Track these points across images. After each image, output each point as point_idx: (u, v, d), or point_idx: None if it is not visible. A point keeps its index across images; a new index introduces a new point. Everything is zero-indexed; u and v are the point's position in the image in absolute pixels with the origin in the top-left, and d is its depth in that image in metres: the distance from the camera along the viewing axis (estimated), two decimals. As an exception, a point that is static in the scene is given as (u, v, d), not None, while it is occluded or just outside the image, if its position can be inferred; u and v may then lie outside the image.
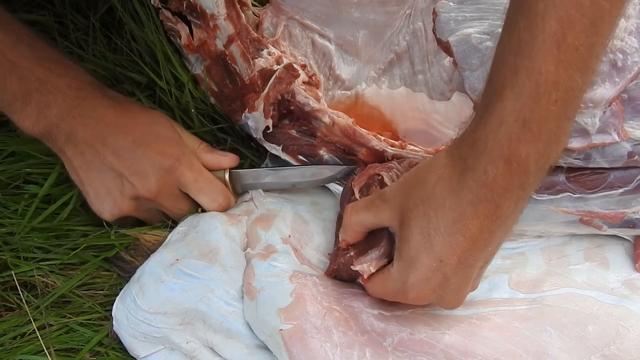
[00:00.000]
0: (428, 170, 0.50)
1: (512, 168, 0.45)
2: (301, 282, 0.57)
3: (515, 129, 0.44)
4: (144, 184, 0.62)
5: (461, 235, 0.48)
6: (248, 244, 0.63)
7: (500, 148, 0.45)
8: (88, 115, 0.62)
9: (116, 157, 0.62)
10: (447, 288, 0.51)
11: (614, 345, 0.54)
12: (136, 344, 0.59)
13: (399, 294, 0.53)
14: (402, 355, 0.54)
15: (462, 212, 0.47)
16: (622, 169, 0.58)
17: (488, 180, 0.46)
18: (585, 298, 0.58)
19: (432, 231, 0.49)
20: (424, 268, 0.50)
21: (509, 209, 0.47)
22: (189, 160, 0.64)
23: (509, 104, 0.44)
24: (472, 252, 0.49)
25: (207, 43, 0.68)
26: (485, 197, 0.46)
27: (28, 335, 0.62)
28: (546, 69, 0.43)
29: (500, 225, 0.48)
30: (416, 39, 0.72)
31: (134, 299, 0.58)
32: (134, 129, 0.63)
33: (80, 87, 0.62)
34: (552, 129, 0.44)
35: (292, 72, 0.65)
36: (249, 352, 0.57)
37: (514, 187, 0.46)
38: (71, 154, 0.62)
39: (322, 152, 0.66)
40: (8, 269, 0.65)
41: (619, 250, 0.61)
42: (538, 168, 0.45)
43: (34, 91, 0.60)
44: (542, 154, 0.45)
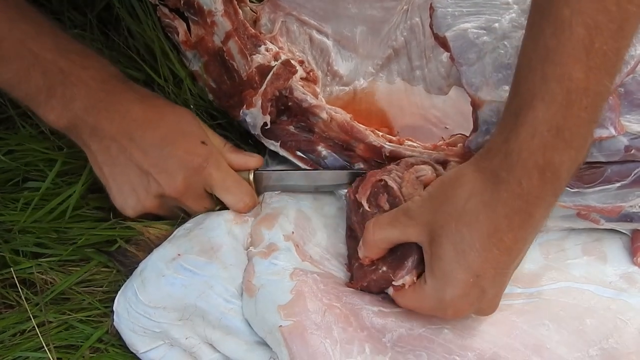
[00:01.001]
0: (456, 186, 0.50)
1: (545, 177, 0.45)
2: (301, 279, 0.57)
3: (549, 139, 0.44)
4: (171, 183, 0.62)
5: (497, 249, 0.48)
6: (251, 243, 0.63)
7: (534, 159, 0.45)
8: (114, 109, 0.61)
9: (143, 154, 0.61)
10: (485, 299, 0.51)
11: (612, 339, 0.55)
12: (136, 339, 0.59)
13: (436, 311, 0.53)
14: (402, 350, 0.54)
15: (497, 226, 0.47)
16: (619, 163, 0.58)
17: (523, 192, 0.46)
18: (583, 292, 0.58)
19: (467, 247, 0.49)
20: (461, 284, 0.50)
21: (542, 217, 0.47)
22: (217, 160, 0.64)
23: (541, 114, 0.44)
24: (507, 263, 0.49)
25: (205, 39, 0.68)
26: (519, 209, 0.46)
27: (27, 332, 0.62)
28: (576, 76, 0.43)
29: (532, 232, 0.48)
30: (414, 34, 0.73)
31: (135, 292, 0.59)
32: (161, 126, 0.62)
33: (105, 80, 0.61)
34: (582, 134, 0.45)
35: (290, 68, 0.65)
36: (248, 349, 0.57)
37: (547, 196, 0.46)
38: (96, 148, 0.62)
39: (320, 148, 0.66)
40: (7, 266, 0.65)
41: (617, 244, 0.61)
42: (569, 174, 0.46)
43: (58, 84, 0.59)
44: (574, 160, 0.45)
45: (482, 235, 0.48)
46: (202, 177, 0.63)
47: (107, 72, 0.62)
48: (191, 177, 0.62)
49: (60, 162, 0.67)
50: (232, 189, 0.64)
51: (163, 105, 0.65)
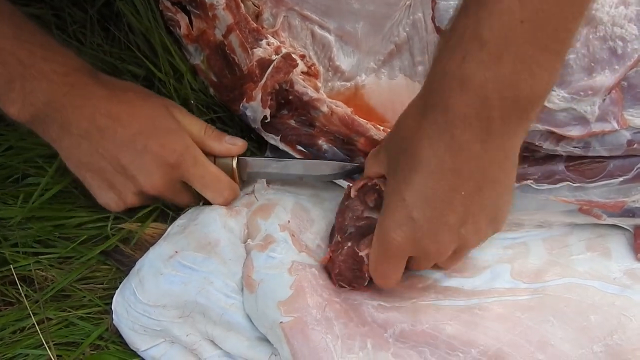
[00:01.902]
0: (405, 111, 0.49)
1: (466, 93, 0.41)
2: (300, 274, 0.57)
3: (471, 47, 0.40)
4: (148, 181, 0.61)
5: (419, 171, 0.46)
6: (248, 235, 0.63)
7: (454, 67, 0.41)
8: (80, 104, 0.59)
9: (117, 153, 0.60)
10: (419, 232, 0.48)
11: (616, 335, 0.54)
12: (136, 337, 0.59)
13: (381, 247, 0.51)
14: (404, 346, 0.54)
15: (420, 146, 0.45)
16: (621, 157, 0.58)
17: (442, 104, 0.43)
18: (587, 288, 0.57)
19: (399, 170, 0.48)
20: (393, 209, 0.49)
21: (471, 145, 0.43)
22: (193, 155, 0.62)
23: (470, 21, 0.41)
24: (436, 192, 0.46)
25: (207, 33, 0.68)
26: (439, 125, 0.43)
27: (27, 330, 0.62)
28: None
29: (465, 163, 0.44)
30: (416, 30, 0.72)
31: (134, 291, 0.58)
32: (133, 122, 0.60)
33: (68, 73, 0.59)
34: (517, 54, 0.40)
35: (290, 62, 0.65)
36: (250, 345, 0.57)
37: (470, 117, 0.42)
38: (67, 146, 0.60)
39: (321, 142, 0.66)
40: (7, 263, 0.64)
41: (620, 240, 0.61)
42: (502, 98, 0.41)
43: (17, 76, 0.56)
44: (507, 83, 0.40)
45: (408, 158, 0.46)
46: (179, 171, 0.62)
47: (70, 65, 0.59)
48: (168, 174, 0.61)
49: (59, 158, 0.67)
50: (211, 184, 0.63)
51: (133, 99, 0.62)
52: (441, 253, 0.51)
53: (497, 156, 0.45)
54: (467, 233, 0.49)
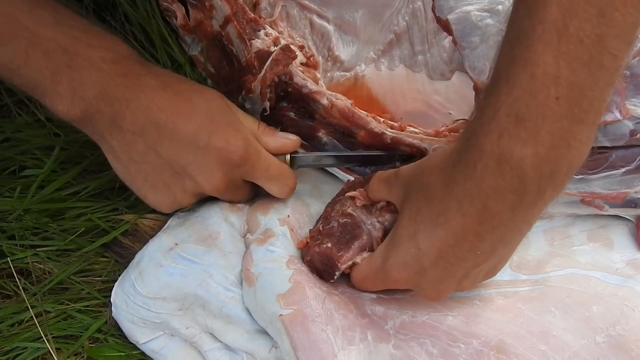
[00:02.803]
0: (435, 159, 0.49)
1: (503, 169, 0.41)
2: (298, 268, 0.56)
3: (507, 125, 0.40)
4: (211, 182, 0.57)
5: (443, 229, 0.46)
6: (248, 230, 0.62)
7: (490, 144, 0.41)
8: (135, 97, 0.53)
9: (177, 152, 0.55)
10: (424, 278, 0.49)
11: (618, 325, 0.54)
12: (135, 330, 0.59)
13: (380, 273, 0.52)
14: (405, 338, 0.54)
15: (447, 206, 0.45)
16: (623, 147, 0.57)
17: (476, 176, 0.43)
18: (589, 278, 0.57)
19: (419, 218, 0.48)
20: (404, 252, 0.49)
21: (502, 215, 0.43)
22: (256, 149, 0.58)
23: (503, 97, 0.41)
24: (454, 250, 0.46)
25: (204, 23, 0.67)
26: (471, 194, 0.44)
27: (26, 323, 0.61)
28: (544, 61, 0.39)
29: (490, 230, 0.45)
30: (416, 19, 0.72)
31: (133, 284, 0.58)
32: (192, 117, 0.55)
33: (117, 61, 0.53)
34: (554, 130, 0.40)
35: (289, 54, 0.64)
36: (250, 338, 0.57)
37: (506, 191, 0.42)
38: (117, 143, 0.55)
39: (321, 134, 0.65)
40: (4, 255, 0.64)
41: (623, 231, 0.61)
42: (540, 174, 0.41)
43: (63, 67, 0.51)
44: (544, 158, 0.40)
45: (433, 211, 0.46)
46: (243, 169, 0.58)
47: (118, 52, 0.54)
48: (231, 173, 0.57)
49: (58, 149, 0.66)
50: (277, 176, 0.60)
51: (189, 90, 0.57)
52: (438, 298, 0.52)
53: (523, 224, 0.46)
54: (467, 283, 0.51)
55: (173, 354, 0.58)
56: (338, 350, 0.52)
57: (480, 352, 0.53)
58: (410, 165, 0.53)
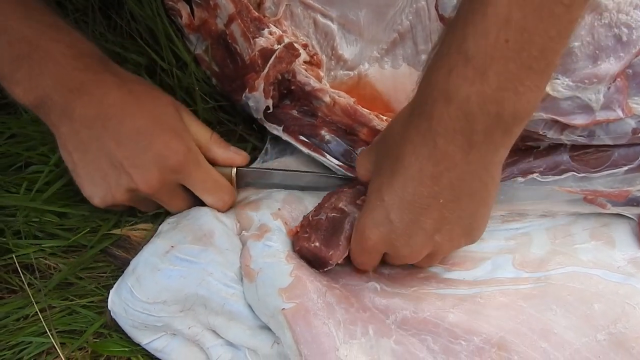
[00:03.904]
0: (398, 113, 0.49)
1: (451, 107, 0.42)
2: (298, 262, 0.57)
3: (457, 62, 0.41)
4: (144, 179, 0.58)
5: (400, 174, 0.46)
6: (241, 228, 0.62)
7: (441, 81, 0.42)
8: (88, 91, 0.56)
9: (117, 145, 0.57)
10: (394, 233, 0.49)
11: (620, 323, 0.54)
12: (137, 332, 0.59)
13: (360, 241, 0.53)
14: (406, 333, 0.54)
15: (403, 151, 0.46)
16: (626, 146, 0.57)
17: (427, 114, 0.43)
18: (591, 276, 0.57)
19: (382, 171, 0.48)
20: (372, 207, 0.50)
21: (454, 156, 0.44)
22: (196, 158, 0.60)
23: (457, 34, 0.41)
24: (414, 197, 0.47)
25: (208, 22, 0.67)
26: (423, 133, 0.44)
27: (31, 317, 0.62)
28: (497, 1, 0.39)
29: (445, 172, 0.45)
30: (419, 18, 0.72)
31: (131, 290, 0.57)
32: (139, 116, 0.58)
33: (77, 57, 0.56)
34: (502, 72, 0.40)
35: (293, 52, 0.65)
36: (252, 334, 0.57)
37: (453, 130, 0.43)
38: (65, 131, 0.57)
39: (324, 132, 0.65)
40: (10, 251, 0.64)
41: (625, 229, 0.61)
42: (486, 114, 0.42)
43: (24, 56, 0.54)
44: (490, 98, 0.41)
45: (392, 159, 0.47)
46: (179, 175, 0.60)
47: (80, 49, 0.57)
48: (167, 174, 0.59)
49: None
50: (212, 189, 0.62)
51: (142, 91, 0.60)
52: (413, 256, 0.52)
53: (478, 169, 0.45)
54: (441, 240, 0.51)
55: (176, 351, 0.59)
56: (340, 343, 0.52)
57: (482, 349, 0.53)
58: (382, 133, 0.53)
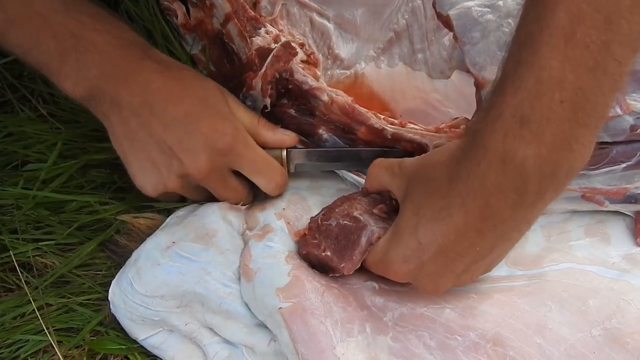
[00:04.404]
0: (440, 154, 0.49)
1: (506, 167, 0.42)
2: (297, 263, 0.57)
3: (513, 125, 0.41)
4: (194, 163, 0.57)
5: (444, 224, 0.46)
6: (248, 228, 0.62)
7: (495, 143, 0.42)
8: (133, 79, 0.56)
9: (165, 130, 0.56)
10: (423, 272, 0.50)
11: (615, 319, 0.54)
12: (134, 327, 0.59)
13: (381, 265, 0.53)
14: (403, 330, 0.54)
15: (450, 201, 0.46)
16: (624, 143, 0.57)
17: (479, 174, 0.44)
18: (586, 273, 0.57)
19: (421, 212, 0.48)
20: (404, 245, 0.50)
21: (503, 213, 0.44)
22: (245, 139, 0.60)
23: (508, 98, 0.42)
24: (454, 246, 0.47)
25: (204, 22, 0.67)
26: (474, 191, 0.44)
27: (28, 315, 0.62)
28: (550, 65, 0.40)
29: (491, 228, 0.45)
30: (415, 17, 0.72)
31: (131, 282, 0.58)
32: (185, 100, 0.58)
33: (122, 45, 0.57)
34: (557, 132, 0.41)
35: (290, 50, 0.65)
36: (249, 332, 0.57)
37: (507, 190, 0.43)
38: (115, 120, 0.57)
39: (322, 131, 0.65)
40: (7, 249, 0.64)
41: (620, 226, 0.61)
42: (541, 175, 0.42)
43: (70, 49, 0.54)
44: (546, 159, 0.41)
45: (436, 205, 0.47)
46: (229, 157, 0.59)
47: (124, 37, 0.58)
48: (216, 157, 0.58)
49: (60, 143, 0.67)
50: (263, 169, 0.61)
51: (188, 77, 0.60)
52: (436, 292, 0.52)
53: (522, 223, 0.47)
54: (465, 278, 0.51)
55: (173, 348, 0.59)
56: (337, 342, 0.52)
57: (477, 345, 0.53)
58: (414, 159, 0.53)
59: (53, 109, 0.71)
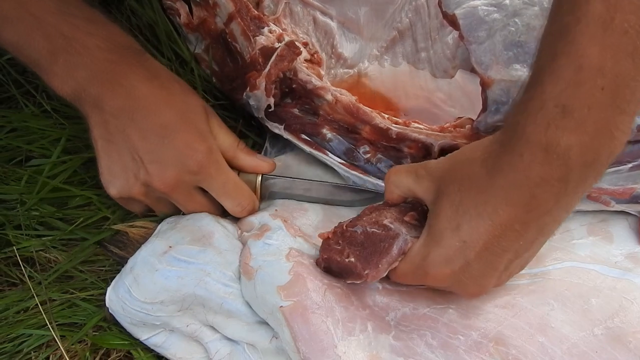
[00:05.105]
0: (472, 150, 0.49)
1: (550, 157, 0.42)
2: (298, 260, 0.56)
3: (555, 115, 0.42)
4: (161, 176, 0.58)
5: (489, 219, 0.46)
6: (244, 231, 0.62)
7: (537, 134, 0.42)
8: (118, 83, 0.57)
9: (140, 138, 0.57)
10: (468, 273, 0.49)
11: (617, 318, 0.54)
12: (135, 329, 0.59)
13: (418, 271, 0.52)
14: (406, 329, 0.54)
15: (493, 196, 0.46)
16: (630, 143, 0.57)
17: (523, 166, 0.44)
18: (589, 272, 0.57)
19: (462, 210, 0.48)
20: (447, 246, 0.49)
21: (547, 203, 0.44)
22: (217, 160, 0.60)
23: (548, 88, 0.42)
24: (500, 241, 0.47)
25: (207, 21, 0.67)
26: (519, 183, 0.44)
27: (31, 310, 0.62)
28: (589, 53, 0.40)
29: (535, 218, 0.45)
30: (419, 15, 0.72)
31: (128, 290, 0.57)
32: (165, 111, 0.58)
33: (112, 49, 0.57)
34: (599, 119, 0.41)
35: (294, 50, 0.64)
36: (250, 329, 0.57)
37: (552, 179, 0.43)
38: (95, 121, 0.58)
39: (325, 130, 0.65)
40: (10, 244, 0.65)
41: (623, 225, 0.61)
42: (584, 162, 0.42)
43: (60, 50, 0.55)
44: (588, 146, 0.42)
45: (478, 202, 0.47)
46: (198, 176, 0.59)
47: (114, 42, 0.58)
48: (184, 174, 0.58)
49: (64, 139, 0.67)
50: (232, 193, 0.61)
51: (174, 89, 0.60)
52: (480, 293, 0.52)
53: (563, 212, 0.47)
54: (505, 276, 0.51)
55: (175, 346, 0.59)
56: (338, 340, 0.52)
57: (479, 344, 0.53)
58: (440, 160, 0.53)
59: (57, 105, 0.71)
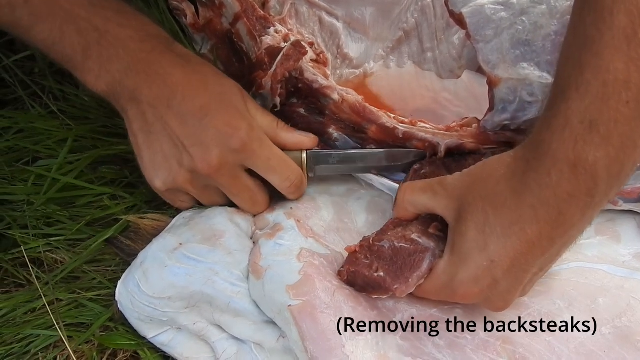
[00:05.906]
0: (493, 167, 0.49)
1: (578, 173, 0.43)
2: (309, 261, 0.56)
3: (581, 131, 0.42)
4: (204, 157, 0.56)
5: (517, 238, 0.46)
6: (257, 229, 0.62)
7: (565, 151, 0.43)
8: (153, 72, 0.56)
9: (179, 123, 0.56)
10: (495, 290, 0.49)
11: (625, 317, 0.54)
12: (143, 326, 0.59)
13: (446, 290, 0.52)
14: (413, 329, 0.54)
15: (521, 215, 0.46)
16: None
17: (551, 183, 0.44)
18: (596, 271, 0.57)
19: (488, 229, 0.48)
20: (475, 266, 0.49)
21: (574, 218, 0.45)
22: (259, 137, 0.58)
23: (574, 104, 0.42)
24: (527, 258, 0.47)
25: (213, 22, 0.67)
26: (547, 201, 0.44)
27: (38, 311, 0.62)
28: (615, 67, 0.40)
29: (562, 233, 0.46)
30: (425, 16, 0.72)
31: (138, 284, 0.57)
32: (202, 94, 0.57)
33: (144, 39, 0.57)
34: (625, 132, 0.42)
35: (300, 49, 0.64)
36: (257, 328, 0.57)
37: (580, 194, 0.43)
38: (133, 114, 0.57)
39: (332, 130, 0.65)
40: (17, 245, 0.65)
41: (630, 224, 0.61)
42: (610, 175, 0.43)
43: (94, 44, 0.55)
44: (614, 159, 0.42)
45: (505, 221, 0.47)
46: (242, 154, 0.58)
47: (146, 32, 0.57)
48: (228, 154, 0.57)
49: (71, 140, 0.67)
50: (277, 167, 0.60)
51: (208, 72, 0.59)
52: (505, 308, 0.52)
53: (586, 224, 0.47)
54: (529, 288, 0.52)
55: (182, 345, 0.59)
56: (346, 340, 0.52)
57: (487, 342, 0.53)
58: (457, 176, 0.52)
59: (63, 106, 0.71)
